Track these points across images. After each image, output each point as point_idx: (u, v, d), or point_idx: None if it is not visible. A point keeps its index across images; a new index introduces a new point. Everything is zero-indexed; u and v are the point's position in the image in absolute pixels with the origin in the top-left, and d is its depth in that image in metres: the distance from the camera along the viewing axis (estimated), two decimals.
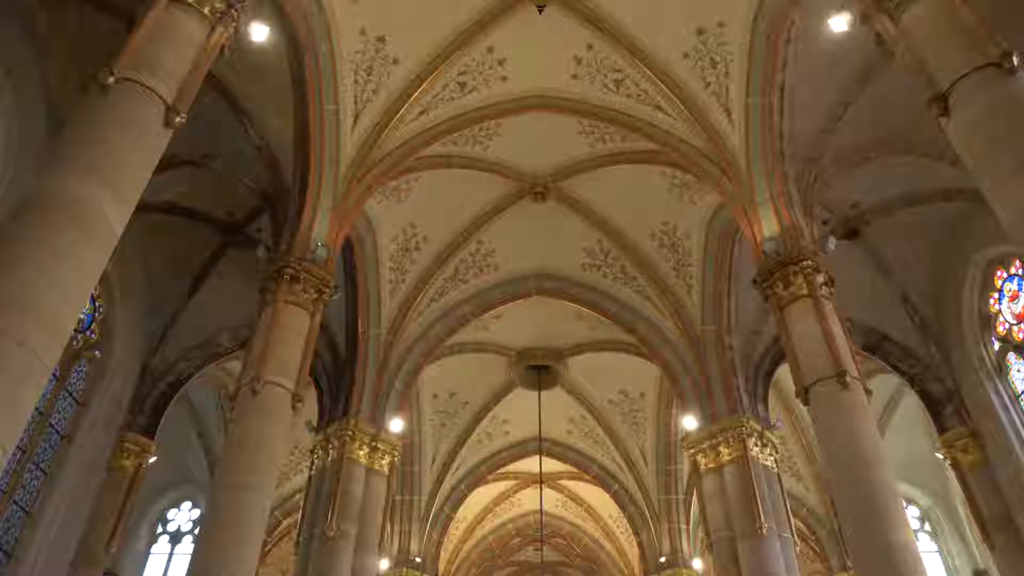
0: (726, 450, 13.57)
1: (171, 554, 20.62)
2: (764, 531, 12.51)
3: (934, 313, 14.96)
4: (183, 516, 21.09)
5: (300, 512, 13.64)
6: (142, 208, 13.15)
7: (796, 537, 13.60)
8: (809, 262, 10.68)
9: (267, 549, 21.18)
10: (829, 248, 11.46)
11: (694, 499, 19.56)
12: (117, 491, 14.09)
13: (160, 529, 21.63)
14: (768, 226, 11.40)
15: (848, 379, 9.51)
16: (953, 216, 13.95)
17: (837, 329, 10.06)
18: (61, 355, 13.32)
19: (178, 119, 6.63)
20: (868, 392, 9.81)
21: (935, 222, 14.12)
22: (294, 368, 9.88)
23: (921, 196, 13.63)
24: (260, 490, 8.84)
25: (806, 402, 9.93)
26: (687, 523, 19.74)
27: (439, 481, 19.89)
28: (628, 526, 21.61)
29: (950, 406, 14.57)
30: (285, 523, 20.42)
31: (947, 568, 19.74)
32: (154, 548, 21.32)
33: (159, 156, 6.65)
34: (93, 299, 14.21)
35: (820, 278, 10.62)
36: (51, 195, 5.79)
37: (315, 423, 14.63)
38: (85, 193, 5.82)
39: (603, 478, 20.70)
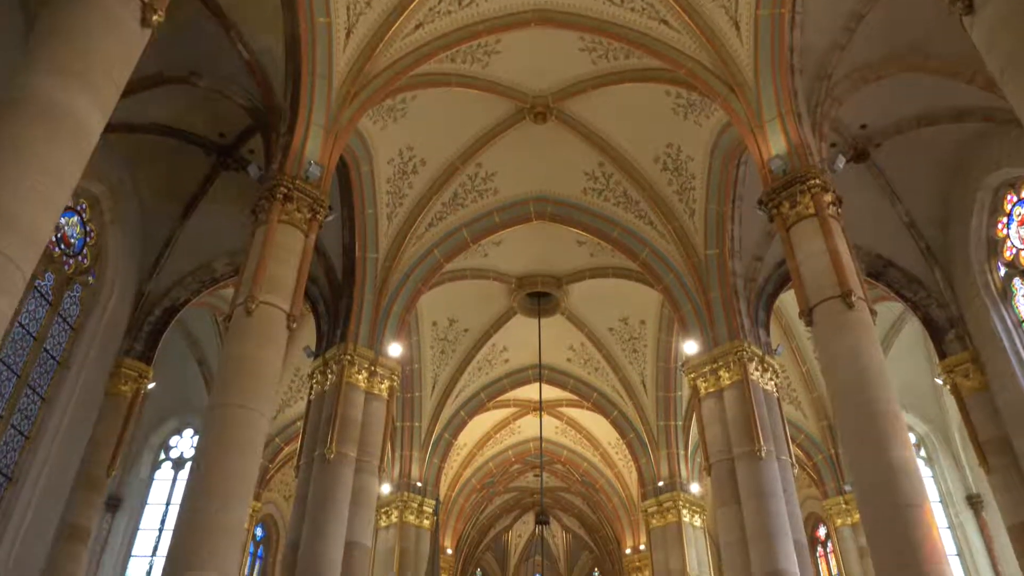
0: (726, 374, 13.51)
1: (174, 480, 20.87)
2: (763, 453, 12.54)
3: (941, 238, 14.72)
4: (185, 443, 21.27)
5: (300, 436, 13.65)
6: (130, 129, 13.04)
7: (794, 460, 13.70)
8: (817, 181, 10.39)
9: (269, 475, 21.48)
10: (837, 168, 11.13)
11: (692, 425, 19.71)
12: (116, 416, 14.07)
13: (163, 456, 21.86)
14: (775, 144, 11.06)
15: (854, 299, 9.33)
16: (965, 139, 13.60)
17: (844, 248, 9.83)
18: (55, 280, 13.22)
19: (155, 18, 6.23)
20: (873, 313, 9.65)
21: (946, 145, 13.76)
22: (289, 288, 9.69)
23: (933, 116, 13.22)
24: (256, 410, 8.73)
25: (810, 323, 9.76)
26: (685, 449, 19.91)
27: (439, 408, 19.97)
28: (627, 452, 21.84)
29: (952, 332, 14.46)
30: (287, 450, 20.60)
31: (940, 492, 20.03)
32: (157, 474, 21.59)
33: (137, 56, 6.27)
34: (83, 223, 13.96)
35: (828, 197, 10.35)
36: (22, 94, 5.46)
37: (313, 348, 14.53)
38: (58, 92, 5.49)
39: (602, 405, 20.79)
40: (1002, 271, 13.94)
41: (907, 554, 7.85)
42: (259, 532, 23.46)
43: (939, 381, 15.74)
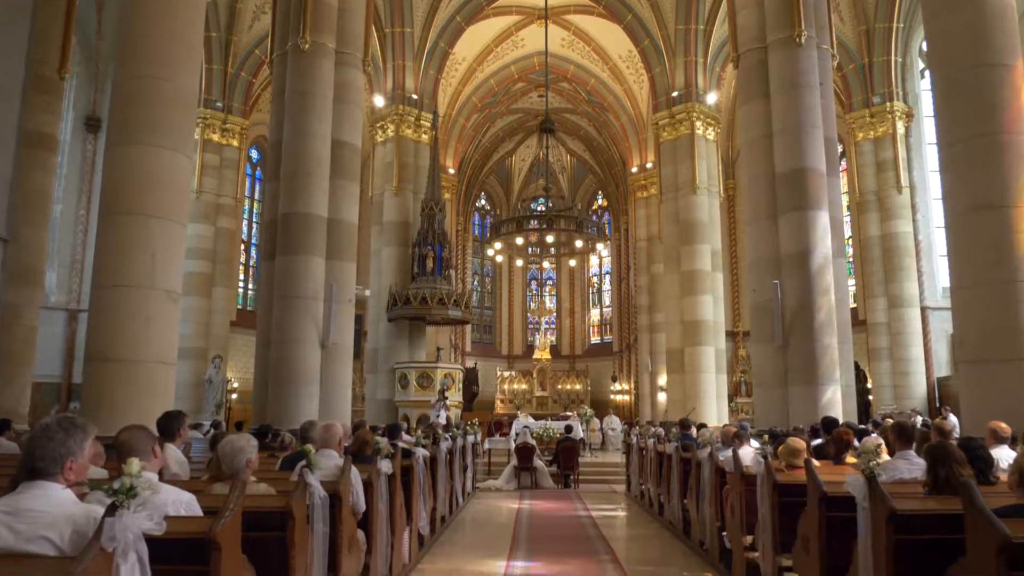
0: None
1: None
2: (802, 39, 10.91)
3: None
4: None
5: (270, 28, 11.89)
6: None
7: (834, 50, 12.13)
8: None
9: (255, 93, 20.14)
10: None
11: (714, 29, 17.74)
12: (55, 8, 12.19)
13: None
14: None
15: None
16: None
17: None
18: None
19: None
20: None
21: None
22: None
23: None
24: None
25: None
26: (705, 56, 18.10)
27: (432, 11, 17.77)
28: (638, 66, 20.12)
29: None
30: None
31: None
32: None
33: None
34: None
35: None
36: None
37: None
38: None
39: (615, 8, 18.53)
40: None
41: (985, 120, 6.63)
42: (255, 155, 22.78)
43: None
